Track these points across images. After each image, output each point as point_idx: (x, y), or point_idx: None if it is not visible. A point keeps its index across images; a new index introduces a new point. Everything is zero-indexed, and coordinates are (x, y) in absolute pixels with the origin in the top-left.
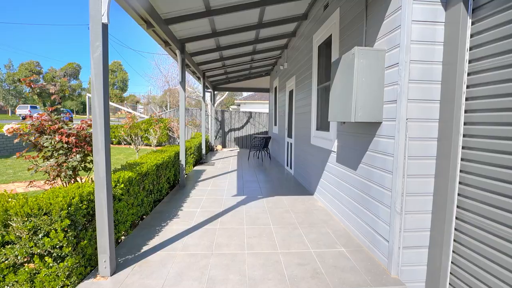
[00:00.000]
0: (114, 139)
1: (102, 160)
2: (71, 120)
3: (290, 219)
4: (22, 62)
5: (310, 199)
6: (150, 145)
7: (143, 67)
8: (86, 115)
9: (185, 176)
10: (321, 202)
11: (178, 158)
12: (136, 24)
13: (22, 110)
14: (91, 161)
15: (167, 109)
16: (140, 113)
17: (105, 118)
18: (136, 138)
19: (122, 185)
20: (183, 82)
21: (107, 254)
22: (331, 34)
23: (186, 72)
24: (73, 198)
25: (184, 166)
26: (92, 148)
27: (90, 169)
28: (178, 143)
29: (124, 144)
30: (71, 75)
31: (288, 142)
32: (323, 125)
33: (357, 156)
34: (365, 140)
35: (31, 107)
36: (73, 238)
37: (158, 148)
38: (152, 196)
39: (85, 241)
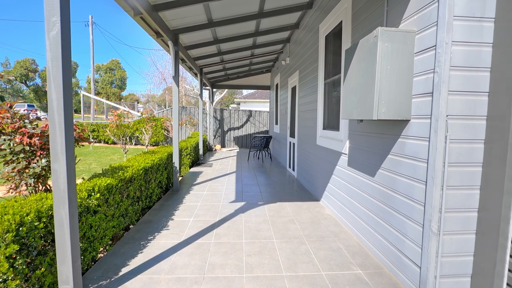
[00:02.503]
0: (108, 139)
1: (63, 168)
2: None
3: (295, 231)
4: (18, 60)
5: (316, 205)
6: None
7: (142, 65)
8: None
9: (180, 178)
10: (329, 210)
11: (172, 160)
12: (135, 23)
13: (19, 109)
14: None
15: (166, 108)
16: (139, 111)
17: (65, 115)
18: (123, 138)
19: (98, 195)
20: (176, 76)
21: (70, 285)
22: (341, 21)
23: (182, 68)
24: (27, 214)
25: (178, 168)
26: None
27: None
28: None
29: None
30: None
31: (290, 142)
32: (331, 123)
33: (376, 160)
34: (387, 141)
35: (28, 105)
36: (24, 267)
37: (150, 148)
38: (140, 204)
39: (43, 269)
